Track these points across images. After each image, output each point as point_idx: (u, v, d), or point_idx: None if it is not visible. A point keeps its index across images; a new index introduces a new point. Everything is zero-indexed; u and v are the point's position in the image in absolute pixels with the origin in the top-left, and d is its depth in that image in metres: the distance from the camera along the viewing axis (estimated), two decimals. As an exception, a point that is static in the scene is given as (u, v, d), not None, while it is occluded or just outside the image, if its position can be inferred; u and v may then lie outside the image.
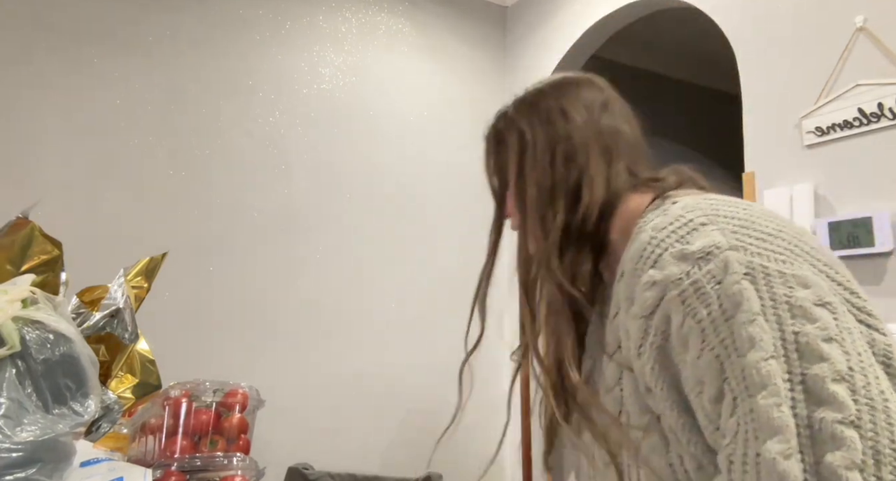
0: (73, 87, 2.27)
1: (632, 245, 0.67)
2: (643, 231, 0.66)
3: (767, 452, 0.52)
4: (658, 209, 0.68)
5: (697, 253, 0.61)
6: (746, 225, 0.62)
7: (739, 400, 0.55)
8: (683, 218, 0.64)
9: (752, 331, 0.55)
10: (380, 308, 2.69)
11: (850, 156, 1.76)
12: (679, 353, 0.61)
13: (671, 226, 0.64)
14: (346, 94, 2.76)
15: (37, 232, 0.93)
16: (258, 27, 2.61)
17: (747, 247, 0.60)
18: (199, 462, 0.96)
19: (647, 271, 0.63)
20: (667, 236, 0.63)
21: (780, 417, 0.52)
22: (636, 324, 0.64)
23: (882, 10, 1.74)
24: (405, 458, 2.57)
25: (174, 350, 1.61)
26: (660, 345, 0.62)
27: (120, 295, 1.04)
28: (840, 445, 0.50)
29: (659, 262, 0.63)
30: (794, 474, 0.50)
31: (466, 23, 3.12)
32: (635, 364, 0.66)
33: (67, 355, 0.79)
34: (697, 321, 0.58)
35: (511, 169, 0.84)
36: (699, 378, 0.59)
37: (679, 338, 0.60)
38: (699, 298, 0.59)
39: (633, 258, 0.66)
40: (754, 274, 0.58)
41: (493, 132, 0.88)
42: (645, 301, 0.63)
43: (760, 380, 0.54)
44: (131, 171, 2.32)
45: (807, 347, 0.54)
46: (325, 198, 2.65)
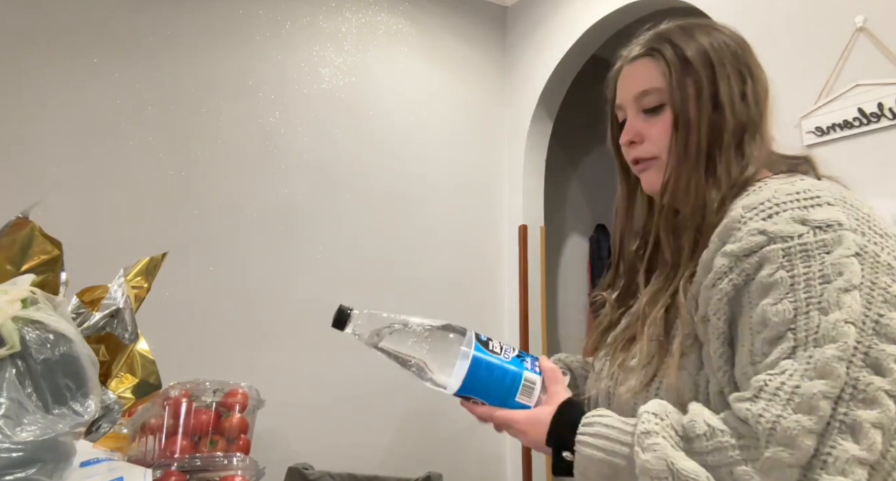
0: (73, 87, 2.27)
1: (748, 197, 0.73)
2: (764, 190, 0.72)
3: (810, 387, 0.59)
4: (784, 179, 0.74)
5: (817, 221, 0.66)
6: (869, 219, 0.68)
7: (800, 350, 0.61)
8: (811, 192, 0.69)
9: (843, 298, 0.61)
10: (380, 307, 2.68)
11: (851, 156, 1.76)
12: (754, 297, 0.66)
13: (797, 194, 0.69)
14: (346, 93, 2.76)
15: (37, 232, 0.92)
16: (258, 27, 2.61)
17: (865, 234, 0.66)
18: (199, 462, 0.96)
19: (758, 221, 0.68)
20: (790, 200, 0.68)
21: (836, 368, 0.59)
22: (724, 260, 0.69)
23: (882, 10, 1.74)
24: (405, 458, 2.57)
25: (174, 350, 1.61)
26: (737, 284, 0.68)
27: (120, 295, 1.04)
28: (875, 407, 0.58)
29: (774, 217, 0.67)
30: (825, 410, 0.58)
31: (466, 23, 3.12)
32: (704, 292, 0.72)
33: (67, 355, 0.79)
34: (791, 275, 0.64)
35: (697, 99, 0.82)
36: (765, 320, 0.64)
37: (762, 284, 0.66)
38: (801, 258, 0.64)
39: (747, 206, 0.70)
40: (864, 256, 0.64)
41: (692, 53, 0.83)
42: (746, 243, 0.68)
43: (833, 336, 0.60)
44: (131, 171, 2.32)
45: (886, 329, 0.61)
46: (325, 198, 2.65)
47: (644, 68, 0.86)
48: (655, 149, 0.85)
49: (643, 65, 0.87)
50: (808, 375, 0.59)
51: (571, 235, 3.68)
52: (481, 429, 3.35)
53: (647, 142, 0.86)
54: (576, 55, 2.88)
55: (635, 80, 0.87)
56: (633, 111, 0.87)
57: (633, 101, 0.87)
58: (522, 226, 2.97)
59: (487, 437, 2.78)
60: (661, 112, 0.84)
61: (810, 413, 0.58)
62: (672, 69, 0.83)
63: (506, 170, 3.11)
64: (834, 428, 0.58)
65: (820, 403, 0.58)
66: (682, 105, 0.82)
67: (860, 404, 0.58)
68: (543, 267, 2.99)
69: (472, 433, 2.75)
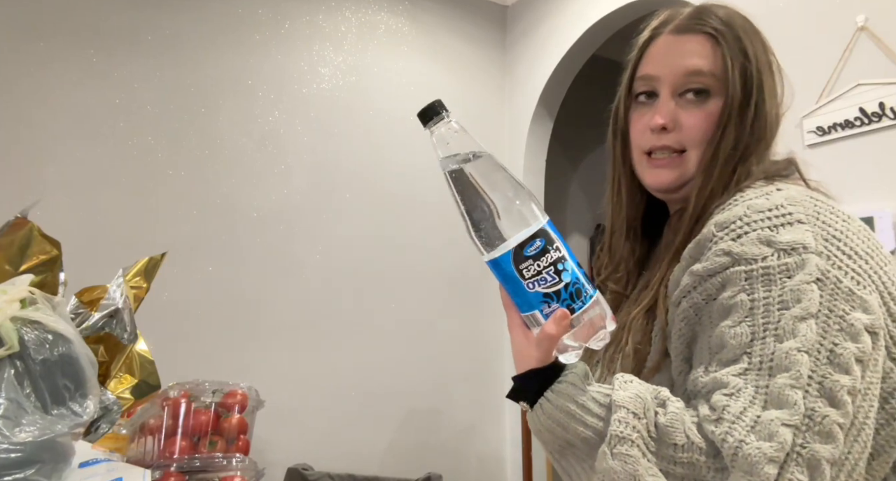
0: (71, 87, 2.26)
1: (724, 212, 0.69)
2: (739, 204, 0.69)
3: (768, 415, 0.58)
4: (759, 189, 0.71)
5: (783, 244, 0.64)
6: (839, 237, 0.65)
7: (752, 373, 0.61)
8: (783, 208, 0.66)
9: (798, 326, 0.60)
10: (379, 308, 2.69)
11: (852, 155, 1.76)
12: (714, 317, 0.65)
13: (769, 211, 0.66)
14: (346, 93, 2.76)
15: (35, 232, 0.92)
16: (258, 27, 2.61)
17: (831, 257, 0.64)
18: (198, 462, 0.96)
19: (727, 241, 0.66)
20: (760, 219, 0.66)
21: (790, 396, 0.58)
22: (689, 279, 0.68)
23: (883, 10, 1.73)
24: (405, 458, 2.56)
25: (173, 350, 1.60)
26: (698, 304, 0.67)
27: (119, 295, 1.04)
28: (831, 441, 0.58)
29: (742, 238, 0.65)
30: (786, 438, 0.57)
31: (466, 22, 3.11)
32: (671, 309, 0.70)
33: (66, 355, 0.79)
34: (752, 299, 0.63)
35: (748, 98, 0.76)
36: (723, 342, 0.63)
37: (723, 306, 0.65)
38: (763, 282, 0.63)
39: (720, 224, 0.68)
40: (825, 282, 0.62)
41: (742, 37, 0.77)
42: (711, 264, 0.66)
43: (787, 365, 0.59)
44: (131, 171, 2.32)
45: (839, 359, 0.60)
46: (325, 198, 2.65)
47: (700, 46, 0.77)
48: (686, 141, 0.77)
49: (699, 42, 0.77)
50: (767, 407, 0.59)
51: (571, 235, 3.68)
52: (481, 430, 3.35)
53: (679, 132, 0.77)
54: (576, 55, 2.88)
55: (688, 57, 0.77)
56: (669, 90, 0.77)
57: (676, 77, 0.77)
58: (522, 226, 2.96)
59: (487, 438, 2.78)
60: (706, 101, 0.76)
61: (770, 440, 0.57)
62: (734, 60, 0.75)
63: (506, 169, 3.10)
64: (792, 460, 0.57)
65: (779, 430, 0.57)
66: (738, 100, 0.75)
67: (816, 437, 0.58)
68: (543, 267, 2.98)
69: (472, 434, 2.75)
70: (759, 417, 0.58)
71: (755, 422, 0.58)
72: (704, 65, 0.76)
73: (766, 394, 0.59)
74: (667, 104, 0.77)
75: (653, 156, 0.79)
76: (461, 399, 2.75)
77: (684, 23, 0.79)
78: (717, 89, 0.76)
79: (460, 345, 2.81)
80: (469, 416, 2.77)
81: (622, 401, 0.62)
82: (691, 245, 0.70)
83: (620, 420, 0.61)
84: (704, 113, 0.76)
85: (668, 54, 0.78)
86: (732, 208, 0.68)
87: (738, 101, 0.75)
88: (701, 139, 0.76)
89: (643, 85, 0.80)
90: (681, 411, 0.62)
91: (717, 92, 0.76)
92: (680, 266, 0.71)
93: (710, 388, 0.62)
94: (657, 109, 0.78)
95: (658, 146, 0.78)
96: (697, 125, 0.76)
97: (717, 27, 0.77)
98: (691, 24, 0.78)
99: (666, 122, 0.76)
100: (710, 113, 0.76)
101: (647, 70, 0.80)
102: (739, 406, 0.59)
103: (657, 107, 0.78)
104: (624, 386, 0.63)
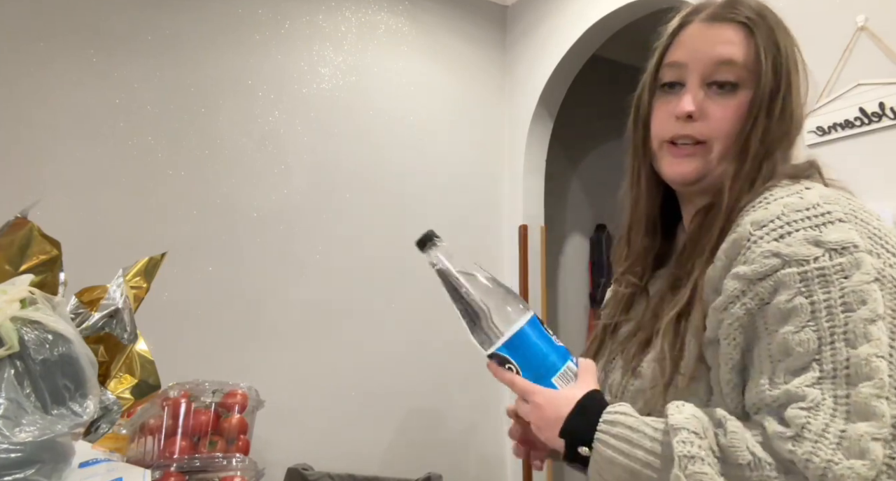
0: (71, 87, 2.26)
1: (757, 210, 0.67)
2: (773, 203, 0.67)
3: (856, 430, 0.56)
4: (788, 188, 0.69)
5: (833, 243, 0.62)
6: (879, 235, 0.65)
7: (827, 382, 0.59)
8: (821, 207, 0.65)
9: (870, 329, 0.58)
10: (380, 308, 2.69)
11: (852, 155, 1.76)
12: (770, 323, 0.63)
13: (807, 210, 0.65)
14: (346, 93, 2.76)
15: (35, 232, 0.92)
16: (258, 27, 2.61)
17: (881, 255, 0.63)
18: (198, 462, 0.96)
19: (770, 242, 0.64)
20: (800, 218, 0.64)
21: (879, 406, 0.56)
22: (736, 283, 0.65)
23: (883, 10, 1.73)
24: (405, 458, 2.56)
25: (173, 350, 1.60)
26: (751, 309, 0.64)
27: (119, 295, 1.04)
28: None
29: (787, 238, 0.63)
30: (877, 454, 0.55)
31: (466, 22, 3.11)
32: (714, 314, 0.67)
33: (66, 355, 0.79)
34: (811, 302, 0.61)
35: (779, 92, 0.74)
36: (787, 349, 0.61)
37: (780, 310, 0.62)
38: (820, 283, 0.61)
39: (756, 223, 0.66)
40: (884, 281, 0.61)
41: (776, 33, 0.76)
42: (760, 266, 0.64)
43: (867, 373, 0.57)
44: (131, 171, 2.32)
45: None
46: (325, 198, 2.65)
47: (734, 35, 0.75)
48: (712, 132, 0.74)
49: (732, 31, 0.75)
50: (852, 418, 0.57)
51: (571, 235, 3.67)
52: (481, 430, 3.35)
53: (705, 122, 0.75)
54: (576, 55, 2.88)
55: (721, 45, 0.75)
56: (698, 79, 0.76)
57: (706, 66, 0.75)
58: (523, 226, 2.96)
59: (487, 438, 2.78)
60: (735, 92, 0.74)
61: (863, 457, 0.55)
62: (768, 52, 0.74)
63: (506, 170, 3.11)
64: (883, 473, 0.56)
65: (870, 446, 0.55)
66: (768, 93, 0.73)
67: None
68: (543, 267, 2.99)
69: (472, 434, 2.75)
70: (844, 432, 0.56)
71: (841, 438, 0.56)
72: (737, 55, 0.74)
73: (847, 405, 0.57)
74: (695, 92, 0.75)
75: (676, 144, 0.77)
76: (461, 399, 2.75)
77: (717, 11, 0.77)
78: (747, 81, 0.74)
79: (460, 346, 2.80)
80: (469, 416, 2.77)
81: (680, 423, 0.61)
82: (726, 244, 0.68)
83: (684, 440, 0.59)
84: (733, 104, 0.74)
85: (700, 42, 0.76)
86: (767, 207, 0.67)
87: (768, 93, 0.73)
88: (727, 131, 0.74)
89: (671, 72, 0.78)
90: (741, 430, 0.61)
91: (747, 84, 0.74)
92: (715, 266, 0.68)
93: (783, 402, 0.60)
94: (684, 97, 0.75)
95: (681, 134, 0.76)
96: (725, 116, 0.74)
97: (751, 17, 0.75)
98: (724, 13, 0.76)
99: (694, 111, 0.74)
100: (738, 105, 0.74)
101: (677, 57, 0.78)
102: (821, 422, 0.57)
103: (684, 94, 0.76)
104: (679, 410, 0.63)
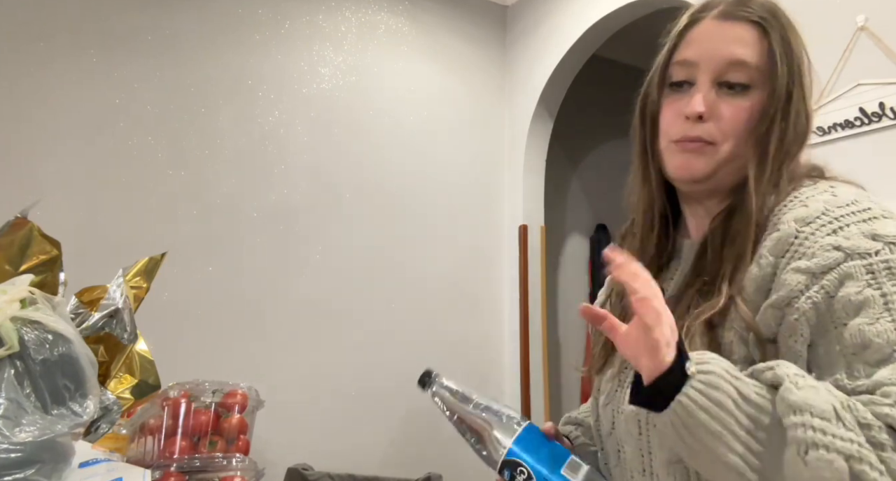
0: (71, 87, 2.26)
1: (796, 209, 0.68)
2: (811, 201, 0.68)
3: None
4: (814, 187, 0.71)
5: (890, 237, 0.63)
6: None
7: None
8: (860, 204, 0.67)
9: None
10: (380, 308, 2.69)
11: (852, 155, 1.76)
12: (840, 316, 0.62)
13: (849, 207, 0.67)
14: (346, 93, 2.76)
15: (35, 232, 0.92)
16: (258, 27, 2.61)
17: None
18: (198, 462, 0.96)
19: (826, 236, 0.64)
20: (847, 214, 0.66)
21: None
22: (798, 276, 0.64)
23: (883, 10, 1.73)
24: (405, 458, 2.56)
25: (173, 350, 1.60)
26: (817, 303, 0.63)
27: (119, 295, 1.04)
28: None
29: (843, 231, 0.64)
30: None
31: (466, 22, 3.11)
32: (772, 312, 0.65)
33: (66, 355, 0.79)
34: (882, 293, 0.61)
35: (792, 93, 0.73)
36: (865, 341, 0.60)
37: (850, 302, 0.62)
38: (888, 276, 0.61)
39: (801, 220, 0.67)
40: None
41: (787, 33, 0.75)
42: (822, 260, 0.63)
43: None
44: (131, 171, 2.32)
45: None
46: (325, 198, 2.65)
47: (747, 34, 0.73)
48: (721, 133, 0.73)
49: (744, 30, 0.73)
50: None
51: (571, 235, 3.67)
52: (481, 430, 3.27)
53: (716, 123, 0.73)
54: (576, 55, 2.88)
55: (733, 44, 0.73)
56: (709, 79, 0.73)
57: (717, 67, 0.73)
58: (522, 225, 2.96)
59: (487, 437, 2.78)
60: (746, 94, 0.72)
61: None
62: (783, 54, 0.72)
63: (506, 170, 3.11)
64: None
65: None
66: (784, 95, 0.72)
67: None
68: (543, 267, 2.99)
69: (472, 433, 2.75)
70: None
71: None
72: (750, 55, 0.72)
73: None
74: (706, 92, 0.73)
75: (687, 143, 0.74)
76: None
77: (729, 9, 0.75)
78: (758, 82, 0.72)
79: (461, 346, 2.81)
80: (469, 416, 2.76)
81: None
82: (769, 243, 0.67)
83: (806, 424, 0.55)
84: (743, 105, 0.72)
85: (712, 40, 0.74)
86: (807, 205, 0.68)
87: (784, 96, 0.72)
88: (738, 133, 0.72)
89: (681, 71, 0.76)
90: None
91: (759, 84, 0.72)
92: (760, 265, 0.67)
93: (870, 389, 0.59)
94: (694, 97, 0.73)
95: (690, 136, 0.73)
96: (736, 117, 0.72)
97: (764, 16, 0.74)
98: (737, 11, 0.75)
99: (705, 111, 0.72)
100: (749, 106, 0.72)
101: (687, 55, 0.76)
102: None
103: (694, 94, 0.74)
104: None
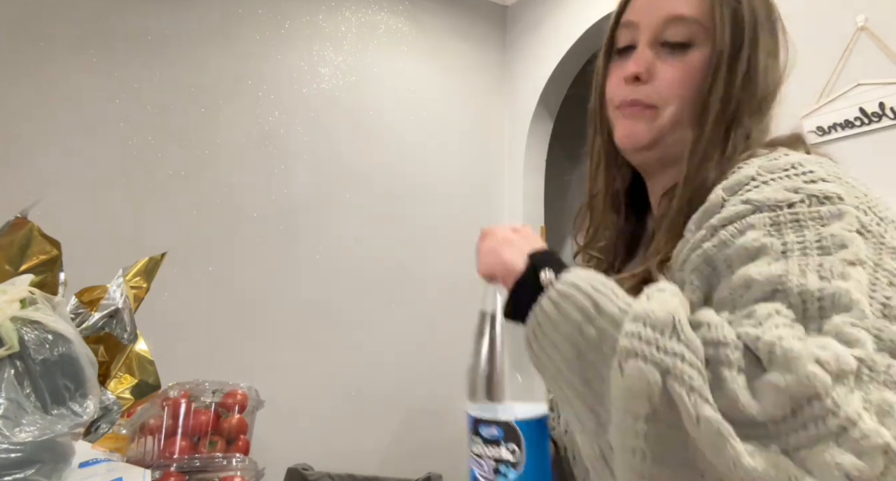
0: (71, 86, 2.26)
1: (732, 176, 0.61)
2: (745, 168, 0.60)
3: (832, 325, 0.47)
4: (765, 156, 0.62)
5: (815, 192, 0.54)
6: (867, 201, 0.56)
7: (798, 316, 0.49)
8: (802, 167, 0.58)
9: (848, 270, 0.49)
10: (380, 308, 2.69)
11: (852, 156, 1.76)
12: (734, 264, 0.54)
13: (785, 171, 0.58)
14: (346, 93, 2.76)
15: (35, 232, 0.92)
16: (258, 27, 2.61)
17: (868, 214, 0.54)
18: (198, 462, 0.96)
19: (744, 195, 0.57)
20: (778, 176, 0.57)
21: (856, 334, 0.46)
22: (701, 232, 0.59)
23: (883, 10, 1.73)
24: (405, 458, 2.56)
25: (173, 350, 1.60)
26: (710, 255, 0.57)
27: (119, 295, 1.04)
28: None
29: (761, 188, 0.57)
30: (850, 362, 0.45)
31: (466, 22, 3.11)
32: (675, 274, 0.61)
33: (66, 355, 0.79)
34: (782, 243, 0.52)
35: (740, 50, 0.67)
36: (748, 281, 0.52)
37: (745, 249, 0.54)
38: (792, 227, 0.53)
39: (728, 188, 0.59)
40: (868, 235, 0.52)
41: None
42: (727, 213, 0.57)
43: (845, 305, 0.47)
44: (131, 171, 2.32)
45: (892, 312, 0.49)
46: (325, 198, 2.65)
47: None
48: (660, 96, 0.68)
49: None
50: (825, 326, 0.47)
51: (571, 235, 3.67)
52: (481, 430, 3.28)
53: (654, 84, 0.68)
54: (576, 55, 2.88)
55: (673, 1, 0.69)
56: (648, 38, 0.70)
57: (655, 25, 0.69)
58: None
59: (487, 437, 2.78)
60: (686, 52, 0.68)
61: (850, 345, 0.45)
62: (724, 4, 0.67)
63: (506, 170, 3.11)
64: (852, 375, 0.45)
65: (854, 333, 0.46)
66: (725, 51, 0.66)
67: (882, 387, 0.45)
68: (543, 267, 2.98)
69: (472, 433, 2.75)
70: (820, 329, 0.47)
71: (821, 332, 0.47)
72: (687, 10, 0.68)
73: (819, 333, 0.47)
74: (643, 52, 0.69)
75: (626, 108, 0.71)
76: (461, 399, 2.74)
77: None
78: (701, 38, 0.68)
79: (461, 345, 2.81)
80: (469, 416, 2.76)
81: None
82: (697, 214, 0.61)
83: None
84: (684, 64, 0.68)
85: (651, 0, 0.71)
86: (739, 172, 0.60)
87: (728, 50, 0.66)
88: (677, 94, 0.68)
89: (624, 35, 0.73)
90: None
91: (702, 42, 0.68)
92: (685, 239, 0.61)
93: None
94: (634, 58, 0.70)
95: (629, 100, 0.70)
96: (675, 77, 0.68)
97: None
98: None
99: (640, 71, 0.68)
100: (690, 65, 0.67)
101: (629, 16, 0.73)
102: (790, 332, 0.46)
103: (635, 56, 0.70)
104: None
